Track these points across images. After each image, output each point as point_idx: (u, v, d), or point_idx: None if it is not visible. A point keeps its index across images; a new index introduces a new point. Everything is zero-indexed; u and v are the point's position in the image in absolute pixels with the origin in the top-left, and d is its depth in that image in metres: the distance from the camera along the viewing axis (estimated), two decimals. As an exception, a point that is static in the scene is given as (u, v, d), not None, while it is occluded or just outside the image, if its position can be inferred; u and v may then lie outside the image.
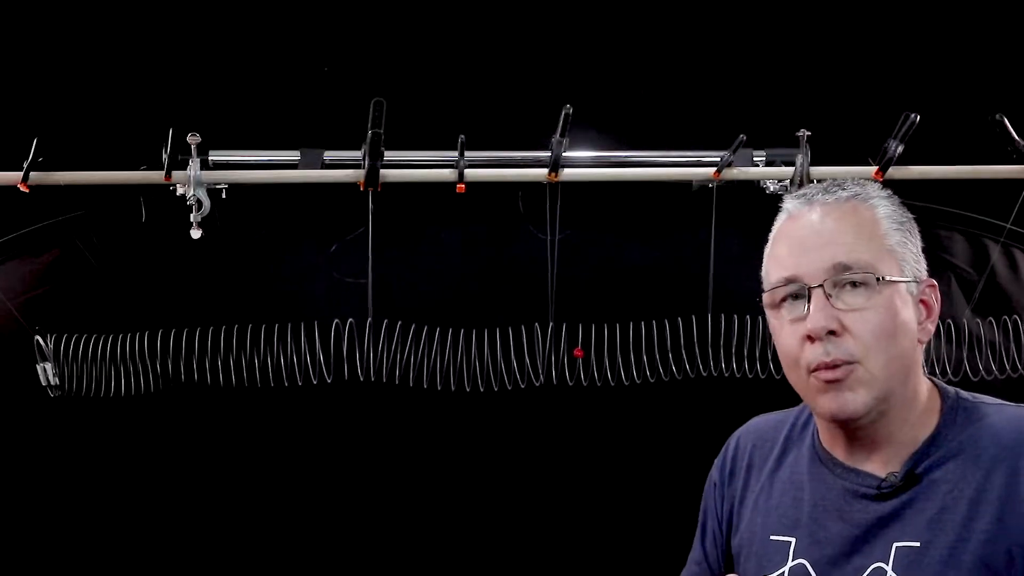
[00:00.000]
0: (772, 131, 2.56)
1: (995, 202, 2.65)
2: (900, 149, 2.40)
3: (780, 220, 1.37)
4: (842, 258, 1.27)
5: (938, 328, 2.63)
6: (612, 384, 2.61)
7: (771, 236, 1.38)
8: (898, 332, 1.27)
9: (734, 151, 2.47)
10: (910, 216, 1.35)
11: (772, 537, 1.38)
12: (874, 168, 2.47)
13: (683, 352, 2.62)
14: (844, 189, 1.32)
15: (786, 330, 1.31)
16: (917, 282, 1.31)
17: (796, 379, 1.32)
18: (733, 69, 2.67)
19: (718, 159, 2.51)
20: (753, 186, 2.58)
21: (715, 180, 2.53)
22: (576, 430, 2.74)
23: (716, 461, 1.54)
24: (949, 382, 1.38)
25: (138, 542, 2.71)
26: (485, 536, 2.77)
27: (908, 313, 1.29)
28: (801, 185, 2.47)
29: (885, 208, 1.32)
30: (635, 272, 2.74)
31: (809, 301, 1.27)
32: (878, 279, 1.26)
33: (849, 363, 1.26)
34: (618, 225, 2.75)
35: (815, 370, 1.27)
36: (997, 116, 2.45)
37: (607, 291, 2.72)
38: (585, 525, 2.79)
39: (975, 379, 2.66)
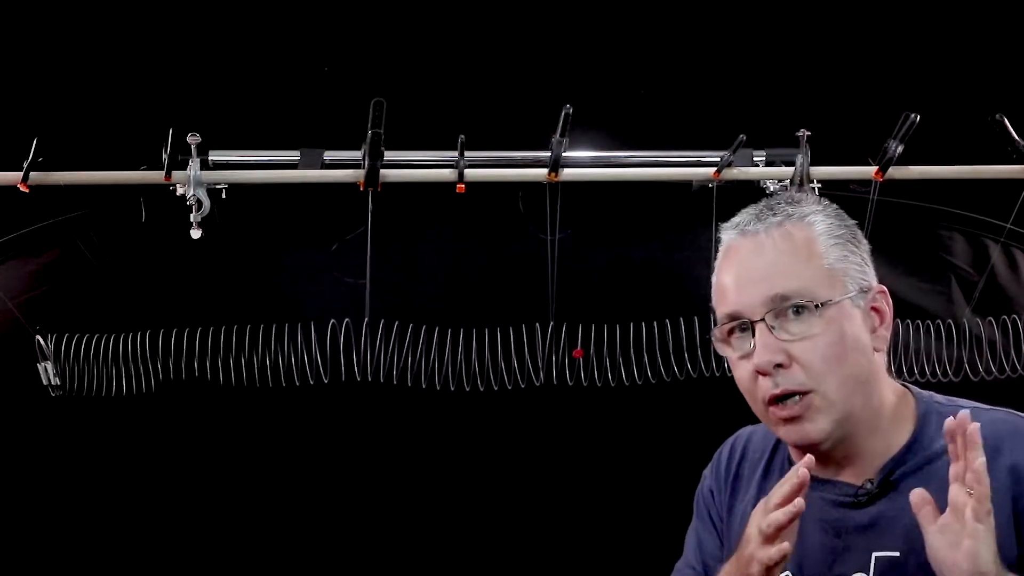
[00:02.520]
0: (772, 131, 2.56)
1: (995, 202, 2.65)
2: (900, 149, 2.40)
3: (720, 253, 1.35)
4: (779, 289, 1.25)
5: (938, 328, 2.63)
6: (612, 384, 2.61)
7: (715, 268, 1.36)
8: (848, 352, 1.25)
9: (734, 151, 2.47)
10: (851, 224, 1.32)
11: None
12: (874, 168, 2.47)
13: (684, 352, 2.62)
14: (776, 213, 1.30)
15: (738, 365, 1.30)
16: (865, 292, 1.28)
17: (756, 410, 1.32)
18: (733, 69, 2.67)
19: (718, 159, 2.51)
20: (753, 186, 2.58)
21: (715, 180, 2.53)
22: (576, 430, 2.74)
23: (709, 469, 1.53)
24: (950, 383, 1.38)
25: (138, 541, 2.71)
26: (484, 536, 2.77)
27: (856, 328, 1.26)
28: (801, 185, 2.47)
29: (822, 223, 1.29)
30: (635, 272, 2.74)
31: (753, 335, 1.26)
32: (818, 305, 1.24)
33: (803, 393, 1.24)
34: (618, 225, 2.75)
35: (770, 403, 1.26)
36: (997, 116, 2.45)
37: (607, 291, 2.72)
38: (584, 525, 2.79)
39: (975, 379, 2.65)
